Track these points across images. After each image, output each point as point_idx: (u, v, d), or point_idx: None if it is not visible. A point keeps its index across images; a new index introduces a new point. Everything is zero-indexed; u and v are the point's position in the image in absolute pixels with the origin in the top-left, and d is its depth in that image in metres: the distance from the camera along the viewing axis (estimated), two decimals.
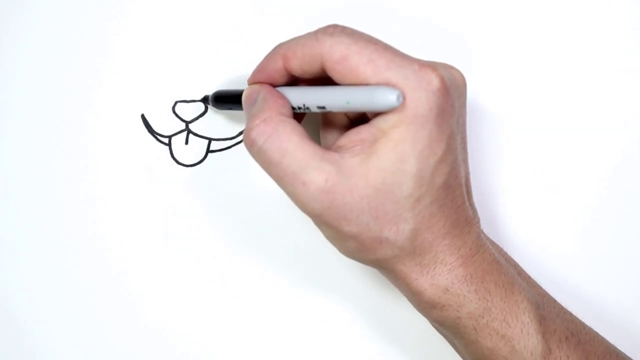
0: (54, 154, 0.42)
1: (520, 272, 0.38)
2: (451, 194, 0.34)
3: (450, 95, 0.32)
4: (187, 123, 0.42)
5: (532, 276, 0.39)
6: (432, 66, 0.32)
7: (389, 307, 0.43)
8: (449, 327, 0.35)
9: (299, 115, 0.36)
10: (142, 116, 0.43)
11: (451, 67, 0.34)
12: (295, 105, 0.34)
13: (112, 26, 0.42)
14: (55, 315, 0.43)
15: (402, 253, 0.33)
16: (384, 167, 0.32)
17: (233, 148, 0.43)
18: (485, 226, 0.38)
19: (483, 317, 0.34)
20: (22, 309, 0.43)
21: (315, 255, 0.43)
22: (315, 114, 0.35)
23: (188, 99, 0.42)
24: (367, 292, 0.43)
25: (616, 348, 0.38)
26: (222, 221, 0.43)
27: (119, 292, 0.43)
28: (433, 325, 0.37)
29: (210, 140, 0.43)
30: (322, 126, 0.38)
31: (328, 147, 0.33)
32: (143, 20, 0.42)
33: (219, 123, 0.42)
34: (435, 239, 0.34)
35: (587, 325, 0.37)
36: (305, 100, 0.34)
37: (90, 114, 0.42)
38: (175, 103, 0.42)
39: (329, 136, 0.37)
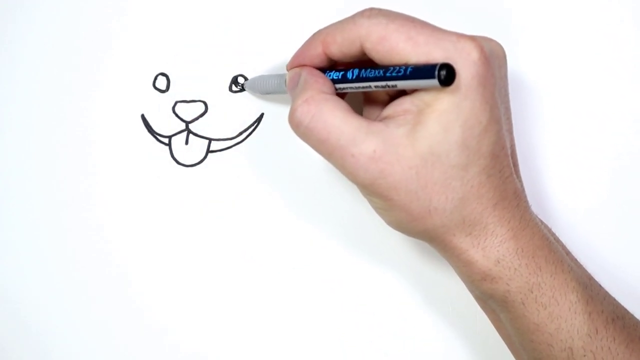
0: (54, 154, 0.42)
1: (568, 253, 0.38)
2: (498, 164, 0.34)
3: (490, 64, 0.33)
4: (187, 123, 0.42)
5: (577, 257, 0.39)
6: (471, 37, 0.32)
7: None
8: (497, 299, 0.35)
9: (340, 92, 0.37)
10: (142, 116, 0.43)
11: (490, 39, 0.35)
12: (337, 87, 0.35)
13: (112, 26, 0.42)
14: (56, 315, 0.43)
15: (451, 223, 0.34)
16: (430, 136, 0.32)
17: (233, 148, 0.43)
18: (530, 202, 0.38)
19: (532, 292, 0.34)
20: (24, 309, 0.43)
21: (316, 255, 0.43)
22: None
23: (188, 99, 0.42)
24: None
25: None
26: (222, 221, 0.43)
27: (119, 291, 0.42)
28: (477, 299, 0.38)
29: (210, 140, 0.43)
30: (363, 102, 0.38)
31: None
32: (143, 20, 0.42)
33: (219, 123, 0.42)
34: (484, 210, 0.34)
35: (629, 311, 0.38)
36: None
37: (91, 114, 0.42)
38: (175, 103, 0.42)
39: (372, 111, 0.37)
